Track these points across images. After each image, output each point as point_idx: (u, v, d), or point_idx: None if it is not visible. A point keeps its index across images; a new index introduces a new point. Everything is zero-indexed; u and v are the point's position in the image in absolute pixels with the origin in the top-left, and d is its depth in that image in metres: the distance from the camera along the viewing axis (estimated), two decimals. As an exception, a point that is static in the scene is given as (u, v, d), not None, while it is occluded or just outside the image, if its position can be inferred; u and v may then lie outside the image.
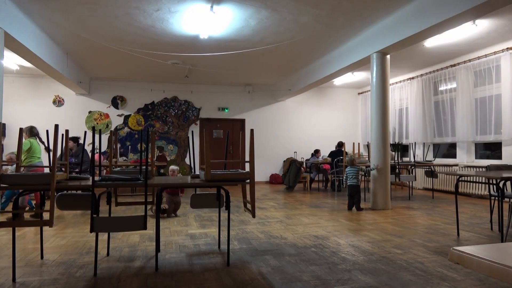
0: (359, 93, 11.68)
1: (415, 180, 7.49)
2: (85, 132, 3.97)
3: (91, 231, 2.60)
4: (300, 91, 9.81)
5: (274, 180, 10.72)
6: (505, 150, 6.79)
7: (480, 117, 7.39)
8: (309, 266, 2.98)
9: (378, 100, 6.02)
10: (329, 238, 3.97)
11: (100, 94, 10.03)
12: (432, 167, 7.35)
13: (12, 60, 7.84)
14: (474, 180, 6.85)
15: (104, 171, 3.64)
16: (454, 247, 0.97)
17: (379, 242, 3.77)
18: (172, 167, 5.60)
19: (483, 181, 6.05)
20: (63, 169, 3.26)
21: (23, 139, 4.98)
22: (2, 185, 2.53)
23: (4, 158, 5.18)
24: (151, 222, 4.35)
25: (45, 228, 4.34)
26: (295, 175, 8.45)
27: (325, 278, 2.71)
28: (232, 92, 10.84)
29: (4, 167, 4.70)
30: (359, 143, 8.63)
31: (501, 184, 3.64)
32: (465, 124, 7.55)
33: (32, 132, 5.35)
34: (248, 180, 2.90)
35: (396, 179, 7.04)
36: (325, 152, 9.95)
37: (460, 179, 4.19)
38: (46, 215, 4.17)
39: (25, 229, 4.36)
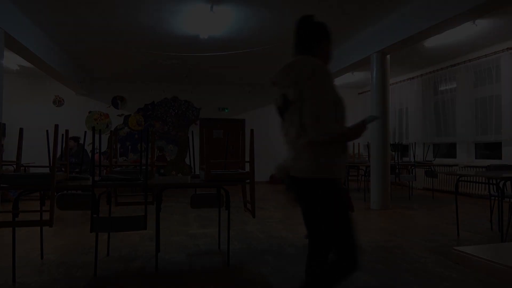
0: (359, 93, 11.68)
1: (415, 180, 7.49)
2: (85, 132, 3.97)
3: (91, 231, 2.60)
4: (300, 91, 9.78)
5: (274, 180, 10.71)
6: (505, 150, 6.78)
7: (480, 117, 7.38)
8: (309, 266, 2.98)
9: (378, 100, 6.02)
10: (329, 238, 3.96)
11: (100, 94, 10.03)
12: (432, 167, 7.34)
13: (12, 60, 7.84)
14: (474, 180, 6.84)
15: (104, 171, 3.64)
16: (454, 247, 0.97)
17: (379, 242, 3.77)
18: None
19: (483, 181, 6.05)
20: (63, 169, 3.26)
21: None
22: (2, 185, 2.53)
23: None
24: (151, 222, 4.34)
25: (45, 228, 4.31)
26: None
27: (325, 278, 2.71)
28: (232, 92, 10.84)
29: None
30: (359, 143, 8.62)
31: (501, 184, 3.64)
32: (465, 124, 7.55)
33: None
34: (248, 180, 2.90)
35: (396, 179, 7.03)
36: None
37: (460, 179, 4.18)
38: (46, 215, 4.17)
39: (25, 229, 4.36)
